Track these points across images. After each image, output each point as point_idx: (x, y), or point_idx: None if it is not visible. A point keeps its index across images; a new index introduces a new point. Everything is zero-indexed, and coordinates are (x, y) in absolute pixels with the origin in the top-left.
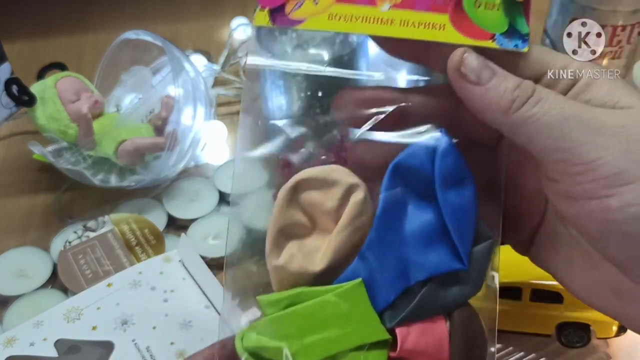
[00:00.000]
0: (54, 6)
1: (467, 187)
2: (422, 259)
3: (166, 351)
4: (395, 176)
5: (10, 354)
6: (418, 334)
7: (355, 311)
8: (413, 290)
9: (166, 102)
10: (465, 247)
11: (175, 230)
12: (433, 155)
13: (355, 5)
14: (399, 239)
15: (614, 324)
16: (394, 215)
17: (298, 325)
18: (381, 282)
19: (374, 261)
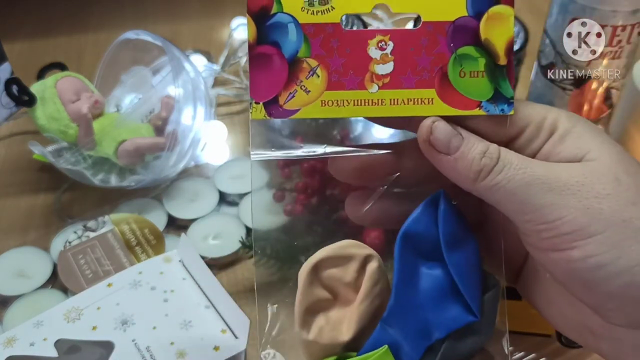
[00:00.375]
0: (54, 6)
1: (470, 244)
2: (439, 318)
3: (166, 351)
4: (405, 244)
5: (10, 354)
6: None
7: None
8: (434, 347)
9: (166, 102)
10: (475, 299)
11: (175, 230)
12: (435, 217)
13: (345, 90)
14: (416, 302)
15: None
16: (409, 281)
17: None
18: (405, 345)
19: (396, 326)
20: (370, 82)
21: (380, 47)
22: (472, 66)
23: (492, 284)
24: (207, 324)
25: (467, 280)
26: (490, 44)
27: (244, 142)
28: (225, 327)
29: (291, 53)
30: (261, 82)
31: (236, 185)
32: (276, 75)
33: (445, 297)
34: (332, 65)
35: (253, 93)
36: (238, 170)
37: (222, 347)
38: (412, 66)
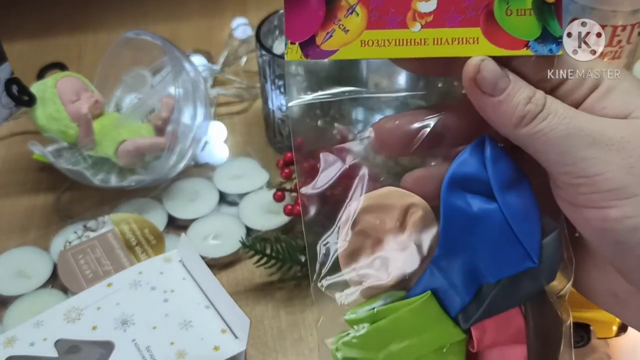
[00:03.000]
0: (54, 6)
1: (523, 185)
2: (492, 263)
3: (166, 351)
4: (452, 186)
5: (10, 354)
6: (494, 330)
7: (429, 320)
8: (484, 292)
9: (166, 102)
10: (533, 244)
11: (175, 230)
12: (483, 160)
13: (386, 29)
14: (467, 246)
15: (614, 324)
16: (458, 225)
17: (381, 339)
18: (453, 289)
19: (445, 270)
20: (412, 20)
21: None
22: (519, 4)
23: (551, 227)
24: (207, 324)
25: (523, 223)
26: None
27: (244, 142)
28: (225, 327)
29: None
30: (296, 21)
31: (236, 185)
32: (313, 13)
33: (499, 241)
34: (373, 2)
35: (288, 33)
36: (238, 170)
37: (222, 347)
38: (457, 4)
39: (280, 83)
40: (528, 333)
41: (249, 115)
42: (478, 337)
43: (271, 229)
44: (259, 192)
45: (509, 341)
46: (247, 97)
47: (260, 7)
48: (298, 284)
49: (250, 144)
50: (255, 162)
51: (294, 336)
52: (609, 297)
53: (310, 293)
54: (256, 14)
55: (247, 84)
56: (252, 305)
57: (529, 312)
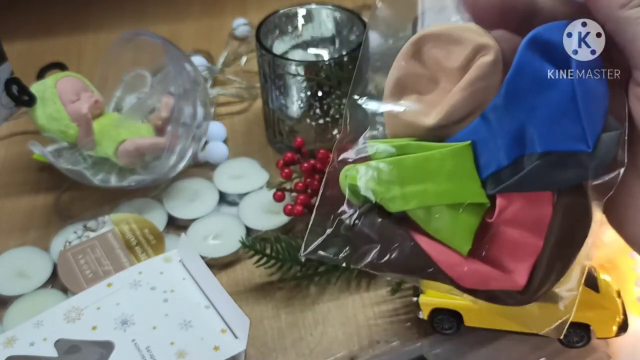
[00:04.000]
0: (54, 6)
1: (601, 79)
2: (545, 132)
3: (166, 351)
4: (531, 46)
5: (10, 354)
6: (519, 205)
7: (457, 171)
8: (526, 161)
9: (166, 102)
10: (593, 130)
11: (175, 230)
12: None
13: None
14: (526, 107)
15: (614, 324)
16: (525, 83)
17: (400, 174)
18: (495, 148)
19: (494, 124)
20: None
21: None
22: None
23: (614, 126)
24: (207, 324)
25: (591, 105)
26: None
27: (244, 142)
28: (225, 327)
29: None
30: None
31: (236, 185)
32: None
33: (560, 114)
34: None
35: None
36: (238, 170)
37: (222, 347)
38: None
39: (280, 83)
40: (551, 226)
41: (249, 115)
42: (501, 207)
43: (271, 229)
44: (259, 192)
45: (529, 228)
46: (247, 97)
47: (260, 7)
48: (298, 284)
49: (250, 144)
50: (255, 162)
51: (294, 336)
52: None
53: (310, 293)
54: (256, 14)
55: (247, 84)
56: (252, 305)
57: (560, 203)
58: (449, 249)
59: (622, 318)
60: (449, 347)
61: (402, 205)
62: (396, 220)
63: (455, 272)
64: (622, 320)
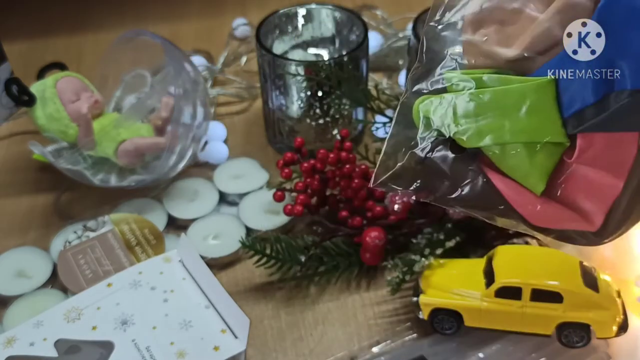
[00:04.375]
0: (54, 6)
1: None
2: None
3: (166, 351)
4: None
5: (10, 354)
6: (601, 146)
7: (538, 108)
8: (612, 100)
9: (166, 102)
10: None
11: (175, 230)
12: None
13: None
14: (619, 39)
15: (614, 324)
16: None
17: (477, 108)
18: (582, 83)
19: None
20: None
21: None
22: None
23: None
24: (207, 324)
25: None
26: None
27: (244, 142)
28: (225, 327)
29: None
30: None
31: (236, 185)
32: None
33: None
34: None
35: None
36: (238, 170)
37: (222, 347)
38: None
39: (280, 83)
40: (634, 168)
41: (249, 115)
42: (582, 148)
43: (271, 229)
44: (259, 192)
45: (609, 169)
46: (247, 97)
47: (260, 7)
48: (298, 284)
49: (250, 144)
50: (255, 162)
51: (294, 336)
52: None
53: (310, 293)
54: (256, 14)
55: (247, 84)
56: (252, 305)
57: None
58: (522, 187)
59: (622, 318)
60: (449, 347)
61: (477, 141)
62: (469, 156)
63: (528, 210)
64: (622, 320)
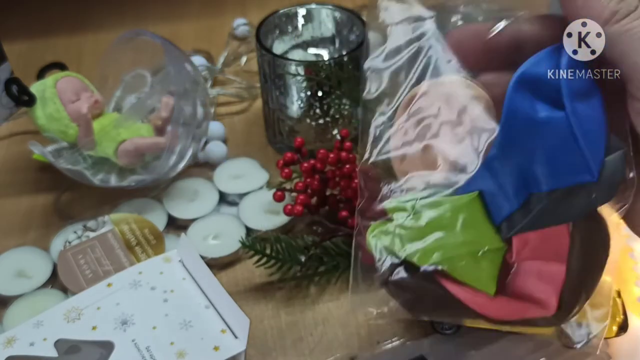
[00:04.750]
0: (54, 6)
1: (595, 98)
2: (548, 171)
3: (166, 351)
4: (520, 85)
5: (10, 354)
6: (536, 243)
7: (471, 221)
8: (534, 201)
9: (166, 102)
10: (596, 158)
11: (175, 230)
12: (558, 65)
13: None
14: (525, 149)
15: (614, 324)
16: (519, 127)
17: (419, 231)
18: (502, 194)
19: (498, 172)
20: None
21: None
22: None
23: (617, 146)
24: (207, 324)
25: (588, 135)
26: None
27: (244, 142)
28: (225, 327)
29: None
30: None
31: (236, 185)
32: None
33: (561, 149)
34: None
35: None
36: (238, 170)
37: (222, 347)
38: None
39: (280, 83)
40: (571, 252)
41: (249, 115)
42: (518, 248)
43: (271, 229)
44: (259, 192)
45: (549, 258)
46: (247, 97)
47: (260, 7)
48: (298, 284)
49: (250, 144)
50: (255, 162)
51: (294, 336)
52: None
53: (310, 293)
54: (256, 14)
55: (247, 84)
56: (252, 305)
57: (576, 230)
58: (477, 291)
59: (622, 318)
60: (449, 347)
61: (426, 260)
62: (425, 272)
63: (487, 310)
64: (622, 320)
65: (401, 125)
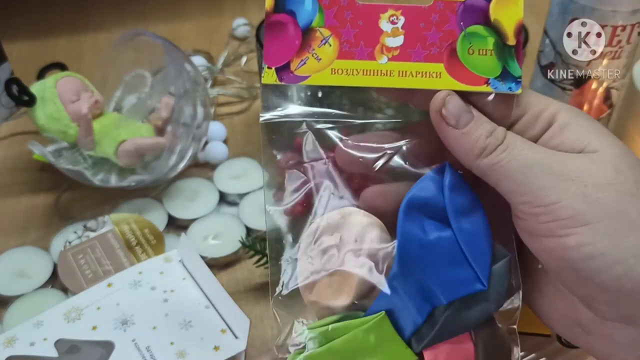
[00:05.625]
0: (54, 6)
1: (477, 213)
2: (445, 285)
3: (166, 351)
4: (409, 210)
5: (10, 354)
6: (446, 354)
7: (382, 341)
8: (438, 313)
9: (166, 102)
10: (484, 268)
11: (175, 230)
12: (442, 187)
13: (355, 60)
14: (421, 267)
15: None
16: (414, 246)
17: (333, 358)
18: (407, 310)
19: (400, 290)
20: (380, 53)
21: (391, 21)
22: (480, 44)
23: (502, 255)
24: (207, 324)
25: (475, 248)
26: (500, 25)
27: (244, 142)
28: (225, 327)
29: (305, 22)
30: (275, 48)
31: (236, 185)
32: (290, 42)
33: (452, 264)
34: (344, 35)
35: (266, 59)
36: (238, 170)
37: (222, 347)
38: (422, 41)
39: None
40: (477, 354)
41: (249, 115)
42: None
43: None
44: (259, 192)
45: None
46: (247, 97)
47: (261, 7)
48: None
49: (250, 144)
50: (255, 162)
51: None
52: (575, 328)
53: None
54: (256, 14)
55: (247, 84)
56: (252, 305)
57: (478, 337)
58: None
59: None
60: None
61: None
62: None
63: None
64: None
65: (308, 256)
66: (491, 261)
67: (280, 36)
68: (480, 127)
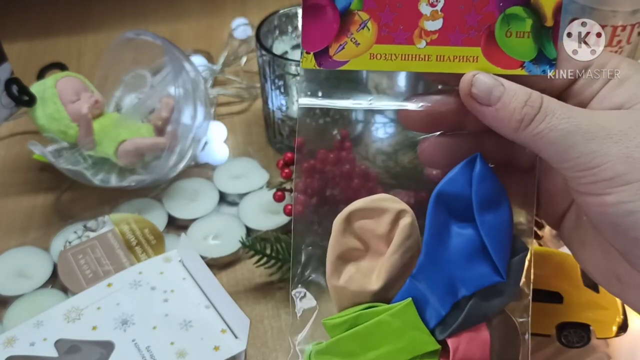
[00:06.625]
0: (54, 6)
1: (503, 207)
2: (467, 276)
3: (166, 351)
4: (438, 203)
5: (10, 354)
6: (466, 342)
7: (407, 327)
8: (460, 304)
9: (166, 102)
10: (503, 262)
11: (175, 230)
12: (471, 179)
13: (394, 44)
14: (446, 259)
15: (614, 324)
16: (440, 239)
17: (359, 344)
18: (432, 300)
19: (425, 281)
20: (418, 37)
21: (431, 3)
22: (519, 26)
23: (521, 248)
24: (207, 324)
25: (496, 242)
26: (539, 5)
27: (244, 142)
28: (225, 327)
29: (344, 5)
30: (313, 32)
31: (236, 185)
32: (328, 26)
33: (474, 256)
34: (383, 19)
35: (304, 43)
36: (238, 170)
37: (222, 347)
38: (461, 24)
39: (280, 83)
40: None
41: (249, 115)
42: (454, 348)
43: (271, 229)
44: (259, 192)
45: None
46: (247, 97)
47: (260, 7)
48: None
49: (250, 144)
50: (255, 162)
51: None
52: (611, 278)
53: None
54: (256, 14)
55: (247, 84)
56: (252, 305)
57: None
58: None
59: (622, 318)
60: None
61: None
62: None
63: None
64: (622, 320)
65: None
66: (510, 254)
67: (318, 19)
68: (513, 98)
